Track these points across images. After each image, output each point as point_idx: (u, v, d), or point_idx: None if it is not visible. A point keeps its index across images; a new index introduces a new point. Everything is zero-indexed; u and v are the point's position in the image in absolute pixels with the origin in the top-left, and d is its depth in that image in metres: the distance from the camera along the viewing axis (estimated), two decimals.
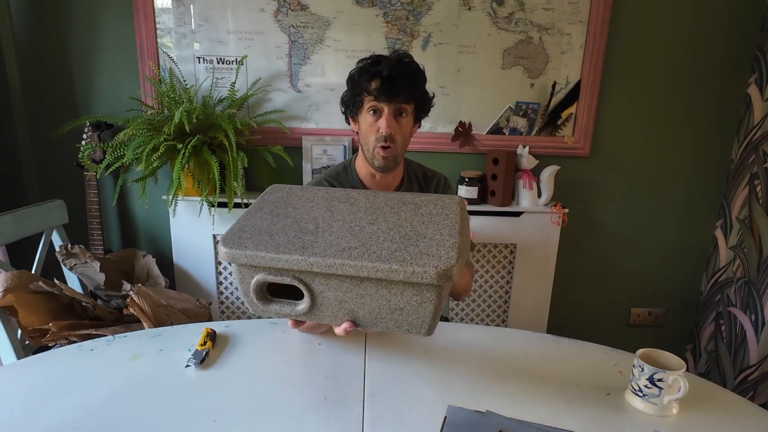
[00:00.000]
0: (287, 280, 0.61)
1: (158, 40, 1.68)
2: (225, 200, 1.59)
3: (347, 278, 0.60)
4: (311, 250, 0.59)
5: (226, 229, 1.79)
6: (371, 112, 1.03)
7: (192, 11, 1.66)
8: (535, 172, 1.76)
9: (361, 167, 1.12)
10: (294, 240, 0.61)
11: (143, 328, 1.26)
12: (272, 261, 0.59)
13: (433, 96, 1.11)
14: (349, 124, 1.13)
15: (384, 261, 0.58)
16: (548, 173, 1.72)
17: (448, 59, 1.71)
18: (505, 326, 1.86)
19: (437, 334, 0.96)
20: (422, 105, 1.08)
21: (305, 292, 0.63)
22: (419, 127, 1.13)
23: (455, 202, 0.71)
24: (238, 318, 1.84)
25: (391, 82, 0.99)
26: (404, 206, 0.70)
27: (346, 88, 1.09)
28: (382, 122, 1.01)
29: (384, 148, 1.03)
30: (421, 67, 1.06)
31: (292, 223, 0.65)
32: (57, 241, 1.45)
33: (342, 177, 1.14)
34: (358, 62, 1.06)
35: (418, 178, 1.17)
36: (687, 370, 0.72)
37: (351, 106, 1.08)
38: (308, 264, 0.58)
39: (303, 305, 0.63)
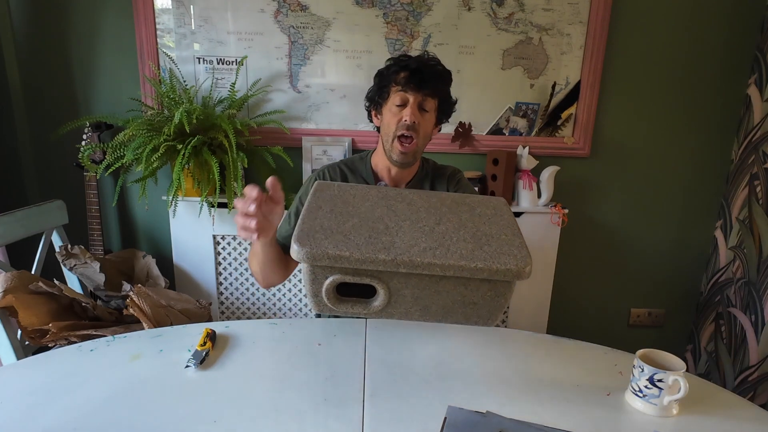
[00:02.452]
0: (366, 280, 0.61)
1: (158, 40, 1.68)
2: (225, 201, 1.59)
3: (427, 276, 0.61)
4: (395, 251, 0.59)
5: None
6: (397, 102, 1.05)
7: (192, 12, 1.66)
8: (535, 173, 1.76)
9: (378, 161, 1.14)
10: (372, 240, 0.61)
11: (143, 328, 1.26)
12: (357, 262, 0.58)
13: (456, 101, 1.14)
14: (371, 120, 1.16)
15: (467, 260, 0.60)
16: (548, 174, 1.72)
17: (448, 60, 1.70)
18: (505, 326, 1.86)
19: (436, 334, 0.96)
20: (445, 105, 1.11)
21: (381, 291, 0.62)
22: (439, 130, 1.16)
23: (502, 203, 0.74)
24: (238, 318, 1.84)
25: (419, 73, 1.03)
26: (460, 207, 0.72)
27: (372, 84, 1.13)
28: (407, 111, 1.04)
29: (403, 140, 1.05)
30: (448, 69, 1.11)
31: (360, 222, 0.64)
32: (57, 241, 1.45)
33: (357, 165, 1.17)
34: (386, 61, 1.10)
35: (431, 171, 1.19)
36: (687, 370, 0.72)
37: (377, 97, 1.11)
38: (395, 264, 0.58)
39: (378, 302, 0.63)
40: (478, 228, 0.67)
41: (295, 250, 0.59)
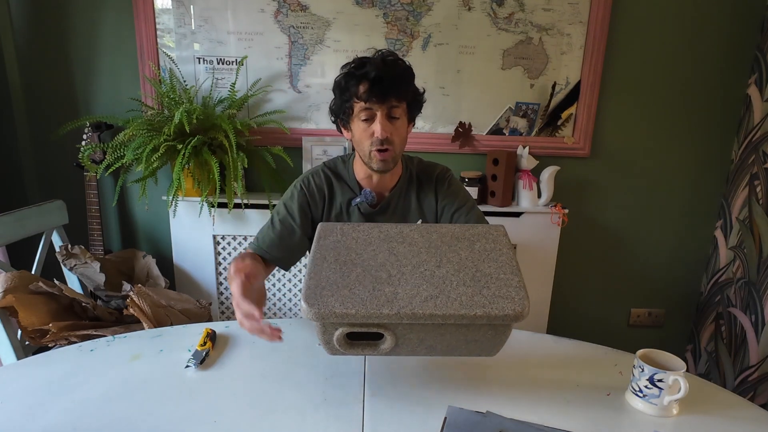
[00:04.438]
0: (373, 329, 0.65)
1: (158, 40, 1.68)
2: (225, 201, 1.59)
3: (430, 323, 0.64)
4: (398, 304, 0.62)
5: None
6: (363, 117, 0.99)
7: (192, 12, 1.66)
8: (535, 173, 1.76)
9: (359, 169, 1.09)
10: (375, 293, 0.64)
11: (143, 328, 1.26)
12: (363, 318, 0.62)
13: (424, 92, 1.07)
14: (341, 132, 1.09)
15: (467, 308, 0.62)
16: (548, 174, 1.72)
17: (448, 60, 1.72)
18: None
19: None
20: (414, 103, 1.05)
21: (388, 336, 0.66)
22: (413, 125, 1.11)
23: (501, 235, 0.76)
24: None
25: (380, 83, 0.96)
26: (459, 243, 0.74)
27: (333, 96, 1.05)
28: (376, 126, 0.98)
29: (381, 151, 1.00)
30: (407, 63, 1.03)
31: (363, 272, 0.68)
32: (57, 241, 1.45)
33: (341, 171, 1.12)
34: (342, 67, 1.02)
35: (417, 174, 1.14)
36: (687, 370, 0.72)
37: (341, 114, 1.04)
38: (398, 317, 0.62)
39: (386, 345, 0.67)
40: (477, 268, 0.69)
41: (304, 310, 0.62)
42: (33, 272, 1.33)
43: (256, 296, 0.84)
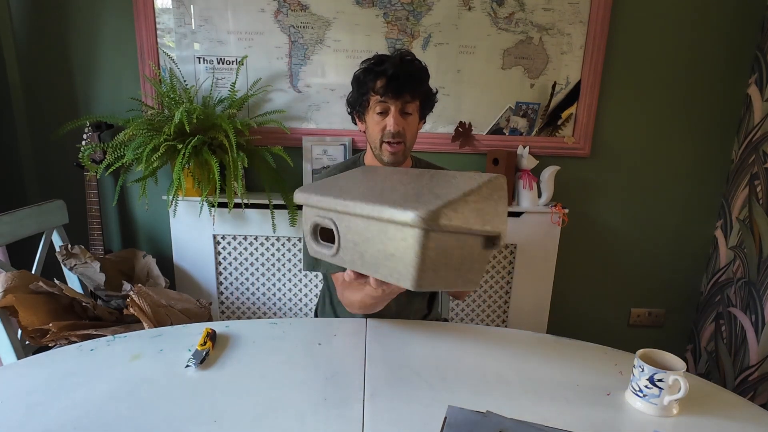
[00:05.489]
0: (327, 223, 0.72)
1: (158, 40, 1.68)
2: (225, 200, 1.59)
3: (360, 220, 0.67)
4: (343, 196, 0.70)
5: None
6: (378, 111, 1.06)
7: (192, 11, 1.66)
8: (535, 173, 1.76)
9: (370, 163, 1.16)
10: (333, 191, 0.74)
11: (143, 328, 1.26)
12: (317, 201, 0.73)
13: (437, 92, 1.14)
14: (355, 124, 1.16)
15: (377, 205, 0.63)
16: (548, 173, 1.72)
17: (448, 59, 1.72)
18: (505, 326, 1.86)
19: (436, 334, 0.96)
20: (427, 102, 1.11)
21: (336, 235, 0.71)
22: (424, 123, 1.17)
23: (492, 177, 0.70)
24: (238, 318, 1.84)
25: (396, 80, 1.02)
26: (437, 176, 0.75)
27: (350, 90, 1.13)
28: (390, 120, 1.05)
29: (392, 144, 1.06)
30: (424, 64, 1.09)
31: (340, 189, 0.76)
32: (57, 241, 1.45)
33: (352, 168, 1.16)
34: (361, 63, 1.09)
35: None
36: (687, 370, 0.72)
37: (358, 106, 1.11)
38: (335, 203, 0.69)
39: (335, 244, 0.72)
40: (431, 189, 0.67)
41: (296, 195, 0.77)
42: (33, 272, 1.33)
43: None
